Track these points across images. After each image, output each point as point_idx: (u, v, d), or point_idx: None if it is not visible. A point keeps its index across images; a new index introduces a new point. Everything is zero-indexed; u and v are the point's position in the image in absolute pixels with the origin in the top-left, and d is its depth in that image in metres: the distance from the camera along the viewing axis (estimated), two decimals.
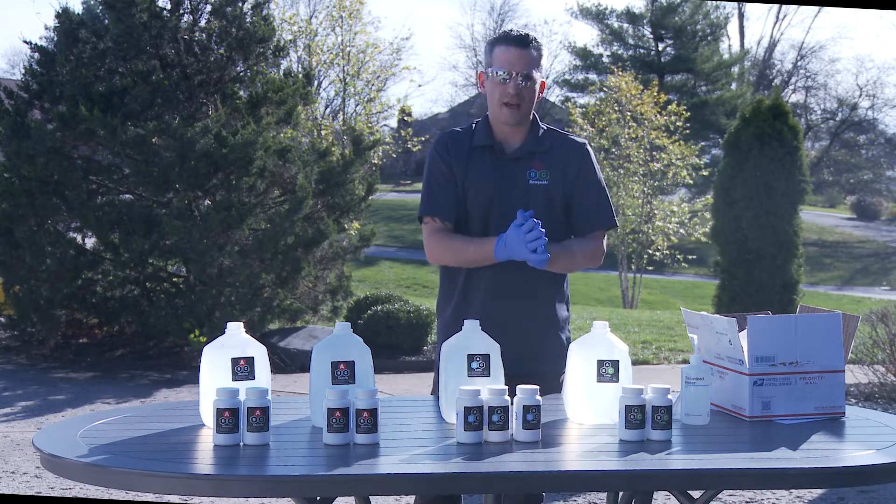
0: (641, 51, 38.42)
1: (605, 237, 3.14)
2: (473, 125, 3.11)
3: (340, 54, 21.90)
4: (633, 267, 20.87)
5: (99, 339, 9.72)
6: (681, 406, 2.63)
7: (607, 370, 2.60)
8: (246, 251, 9.05)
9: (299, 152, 9.57)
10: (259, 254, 9.02)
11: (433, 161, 3.05)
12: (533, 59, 2.96)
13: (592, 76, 36.78)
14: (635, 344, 10.72)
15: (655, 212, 20.75)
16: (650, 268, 22.22)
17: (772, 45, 44.76)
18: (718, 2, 36.94)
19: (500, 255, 2.86)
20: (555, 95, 39.17)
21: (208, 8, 9.69)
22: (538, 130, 3.06)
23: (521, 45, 2.96)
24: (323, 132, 19.03)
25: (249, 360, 2.49)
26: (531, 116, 3.06)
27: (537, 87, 2.99)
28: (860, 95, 43.80)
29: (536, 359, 2.99)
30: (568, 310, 3.14)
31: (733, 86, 38.60)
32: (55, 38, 9.92)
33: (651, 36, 38.37)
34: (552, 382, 2.95)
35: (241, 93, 9.71)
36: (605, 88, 22.37)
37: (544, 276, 2.99)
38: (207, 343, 2.55)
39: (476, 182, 3.00)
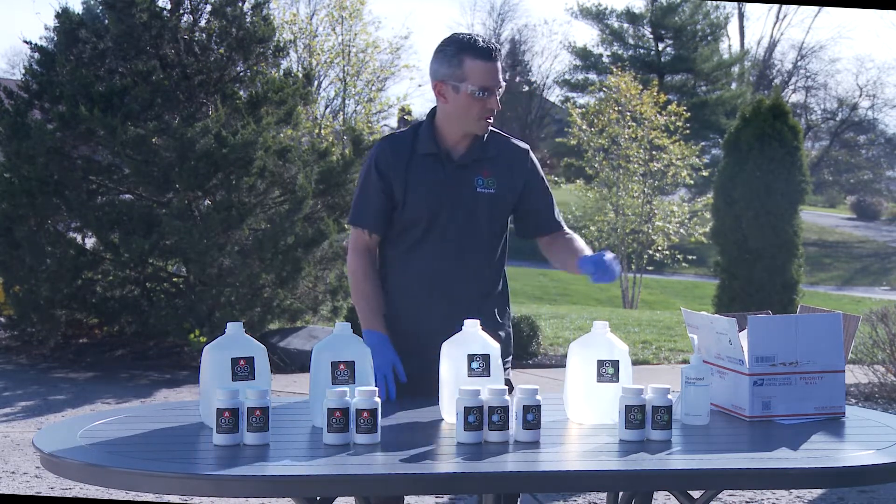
0: (641, 51, 38.43)
1: None
2: (412, 130, 3.05)
3: (340, 54, 21.90)
4: (633, 267, 20.86)
5: (99, 339, 9.71)
6: (681, 406, 2.63)
7: (607, 370, 2.60)
8: (246, 251, 9.05)
9: (299, 152, 9.57)
10: (259, 254, 9.01)
11: (368, 170, 3.02)
12: (500, 68, 2.95)
13: (592, 76, 36.80)
14: (635, 344, 10.72)
15: (655, 212, 20.75)
16: (650, 268, 22.22)
17: (772, 45, 44.79)
18: (718, 2, 36.94)
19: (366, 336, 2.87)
20: (555, 95, 39.22)
21: (208, 8, 9.69)
22: (482, 137, 3.02)
23: (493, 59, 2.92)
24: (323, 132, 19.03)
25: (249, 360, 2.49)
26: None
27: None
28: (860, 95, 43.83)
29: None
30: (508, 306, 3.15)
31: (733, 86, 38.61)
32: (55, 38, 9.91)
33: (651, 36, 38.38)
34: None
35: (241, 93, 9.71)
36: (604, 88, 22.36)
37: (488, 278, 3.05)
38: (207, 343, 2.56)
39: (419, 190, 2.96)
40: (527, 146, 3.13)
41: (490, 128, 3.03)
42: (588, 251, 3.01)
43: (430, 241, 2.98)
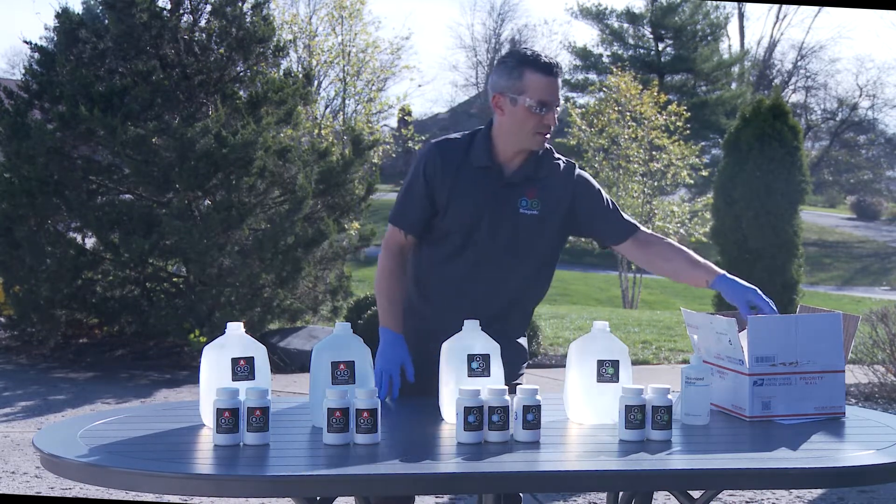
0: (641, 51, 38.42)
1: None
2: (469, 140, 2.99)
3: (340, 54, 21.90)
4: (633, 267, 20.85)
5: (99, 339, 9.71)
6: (681, 406, 2.63)
7: (607, 370, 2.60)
8: (246, 251, 9.05)
9: (299, 152, 9.57)
10: (259, 254, 9.01)
11: (416, 174, 2.98)
12: (560, 85, 2.93)
13: (592, 76, 36.78)
14: (635, 344, 10.71)
15: (655, 212, 20.75)
16: None
17: (772, 45, 44.79)
18: (718, 2, 36.94)
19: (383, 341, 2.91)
20: None
21: (208, 8, 9.69)
22: (535, 155, 2.99)
23: (554, 75, 2.89)
24: (323, 132, 19.03)
25: (249, 360, 2.49)
26: None
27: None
28: (860, 95, 43.83)
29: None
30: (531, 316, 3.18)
31: (733, 86, 38.61)
32: (55, 38, 9.91)
33: (651, 36, 38.37)
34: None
35: (241, 93, 9.71)
36: (604, 88, 22.36)
37: (525, 289, 3.06)
38: (207, 343, 2.55)
39: (463, 202, 2.93)
40: (573, 162, 3.09)
41: (546, 148, 3.01)
42: (703, 261, 3.02)
43: (465, 254, 2.95)
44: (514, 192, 2.95)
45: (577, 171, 3.05)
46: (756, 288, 2.81)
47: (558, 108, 2.93)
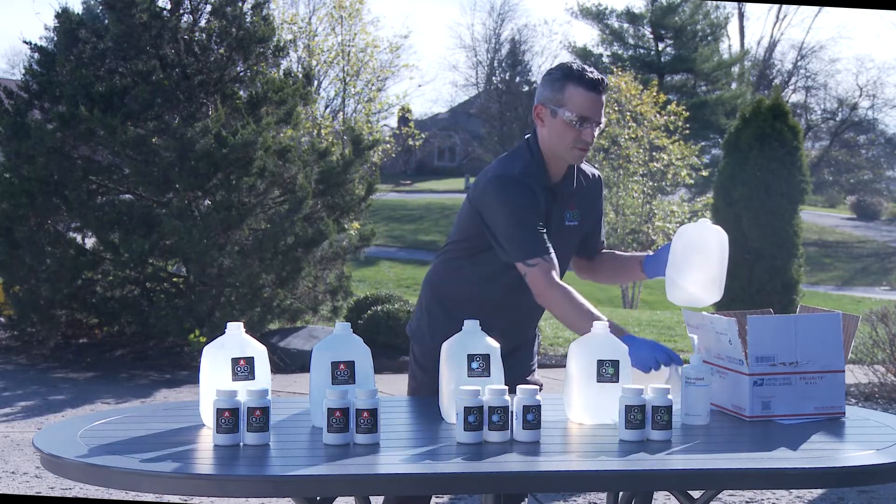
0: (641, 51, 38.44)
1: None
2: (532, 161, 2.92)
3: (340, 54, 21.91)
4: None
5: (99, 339, 9.71)
6: (681, 406, 2.63)
7: (607, 370, 2.60)
8: (246, 251, 9.05)
9: (299, 152, 9.57)
10: (259, 254, 9.01)
11: (522, 200, 2.83)
12: (604, 103, 2.91)
13: None
14: None
15: (655, 212, 20.76)
16: None
17: (772, 45, 44.79)
18: (718, 2, 36.94)
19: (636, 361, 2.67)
20: None
21: (208, 8, 9.69)
22: (574, 170, 3.01)
23: (599, 91, 2.86)
24: (323, 132, 19.03)
25: (249, 360, 2.49)
26: None
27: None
28: (860, 95, 43.84)
29: (531, 358, 3.19)
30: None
31: (733, 86, 38.62)
32: (55, 39, 9.92)
33: (651, 36, 38.40)
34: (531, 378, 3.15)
35: (241, 93, 9.71)
36: None
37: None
38: (207, 343, 2.55)
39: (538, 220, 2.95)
40: (598, 173, 3.14)
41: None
42: (632, 254, 3.14)
43: (511, 272, 2.90)
44: (561, 207, 2.98)
45: (602, 184, 3.15)
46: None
47: (599, 126, 2.89)
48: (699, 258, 2.87)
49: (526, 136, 2.99)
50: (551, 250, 2.85)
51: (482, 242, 2.94)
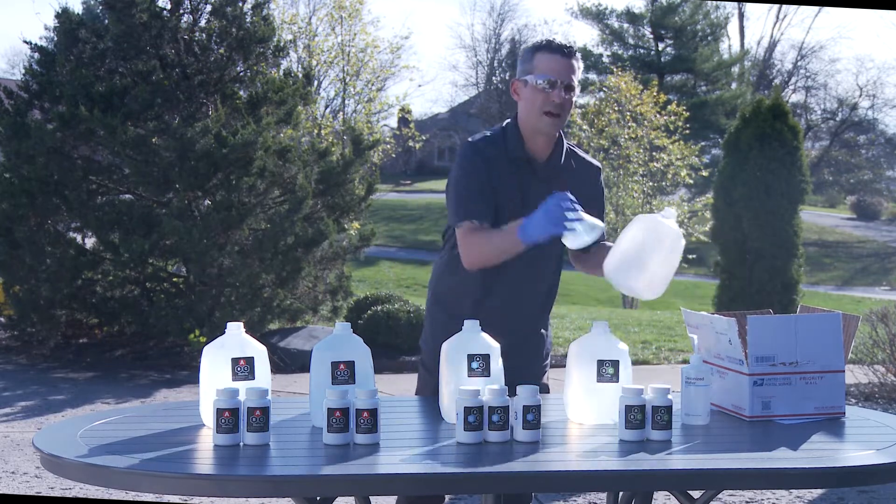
0: (641, 51, 38.44)
1: None
2: (502, 132, 2.97)
3: (340, 54, 21.92)
4: None
5: (99, 339, 9.71)
6: (681, 406, 2.63)
7: (607, 370, 2.60)
8: (246, 251, 9.05)
9: (299, 152, 9.57)
10: (259, 254, 9.02)
11: (473, 166, 2.90)
12: (575, 69, 2.91)
13: (592, 76, 36.75)
14: (635, 344, 10.71)
15: (656, 212, 20.75)
16: None
17: (772, 45, 44.79)
18: (718, 2, 36.95)
19: (529, 234, 2.70)
20: None
21: (208, 8, 9.69)
22: (562, 149, 3.00)
23: (566, 55, 2.89)
24: (323, 132, 19.04)
25: (249, 360, 2.49)
26: (557, 133, 3.01)
27: (575, 98, 2.95)
28: (860, 95, 43.84)
29: (539, 357, 3.11)
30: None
31: (733, 86, 38.62)
32: (55, 38, 9.92)
33: (651, 36, 38.39)
34: (542, 380, 3.10)
35: (241, 93, 9.71)
36: (604, 88, 22.37)
37: (552, 280, 3.08)
38: (207, 343, 2.55)
39: (508, 196, 2.91)
40: (599, 165, 3.13)
41: (569, 145, 3.03)
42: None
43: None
44: (547, 185, 2.94)
45: (601, 175, 3.13)
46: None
47: (573, 91, 2.91)
48: (646, 255, 2.70)
49: None
50: (485, 216, 2.85)
51: None
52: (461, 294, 3.01)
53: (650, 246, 2.69)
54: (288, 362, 8.92)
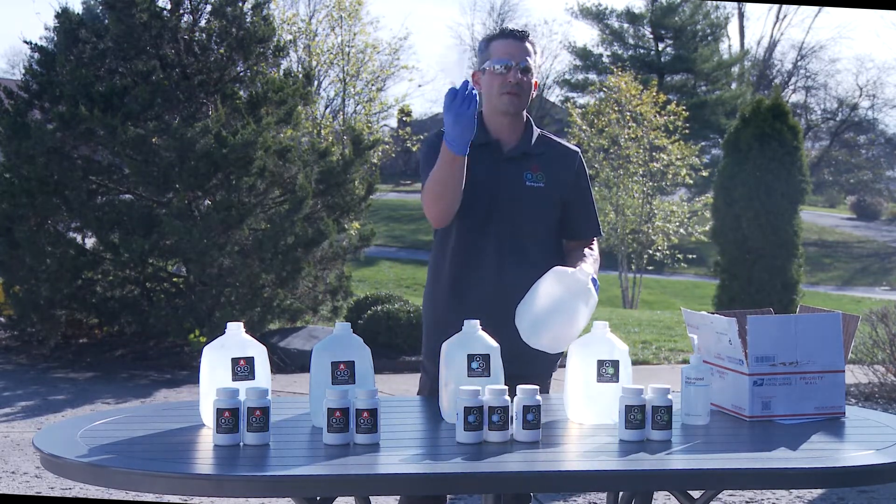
0: (641, 51, 38.42)
1: None
2: None
3: (340, 54, 21.92)
4: (632, 267, 20.87)
5: (99, 339, 9.72)
6: (681, 405, 2.63)
7: (607, 370, 2.60)
8: (246, 251, 9.05)
9: (299, 152, 9.57)
10: (259, 254, 9.02)
11: (431, 149, 2.98)
12: (530, 52, 3.00)
13: (592, 76, 36.78)
14: (635, 344, 10.71)
15: (655, 212, 20.75)
16: (650, 268, 22.22)
17: (772, 45, 44.76)
18: (718, 2, 36.95)
19: (450, 137, 2.76)
20: (555, 95, 39.18)
21: (208, 8, 9.70)
22: (531, 133, 3.06)
23: (519, 38, 3.00)
24: (323, 132, 19.04)
25: (249, 360, 2.49)
26: (525, 118, 3.07)
27: (533, 81, 3.02)
28: (860, 95, 43.82)
29: (534, 359, 2.95)
30: None
31: (733, 86, 38.60)
32: (55, 38, 9.92)
33: (651, 36, 38.38)
34: (545, 382, 3.04)
35: (241, 93, 9.72)
36: (604, 88, 22.37)
37: (545, 266, 2.97)
38: (207, 343, 2.55)
39: (475, 179, 2.94)
40: (577, 149, 3.16)
41: (542, 132, 3.08)
42: (587, 267, 2.89)
43: (485, 232, 2.98)
44: (517, 167, 3.01)
45: (580, 158, 3.13)
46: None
47: (531, 75, 2.99)
48: (555, 315, 2.70)
49: None
50: None
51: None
52: (437, 300, 3.06)
53: (560, 306, 2.70)
54: (288, 362, 8.92)
